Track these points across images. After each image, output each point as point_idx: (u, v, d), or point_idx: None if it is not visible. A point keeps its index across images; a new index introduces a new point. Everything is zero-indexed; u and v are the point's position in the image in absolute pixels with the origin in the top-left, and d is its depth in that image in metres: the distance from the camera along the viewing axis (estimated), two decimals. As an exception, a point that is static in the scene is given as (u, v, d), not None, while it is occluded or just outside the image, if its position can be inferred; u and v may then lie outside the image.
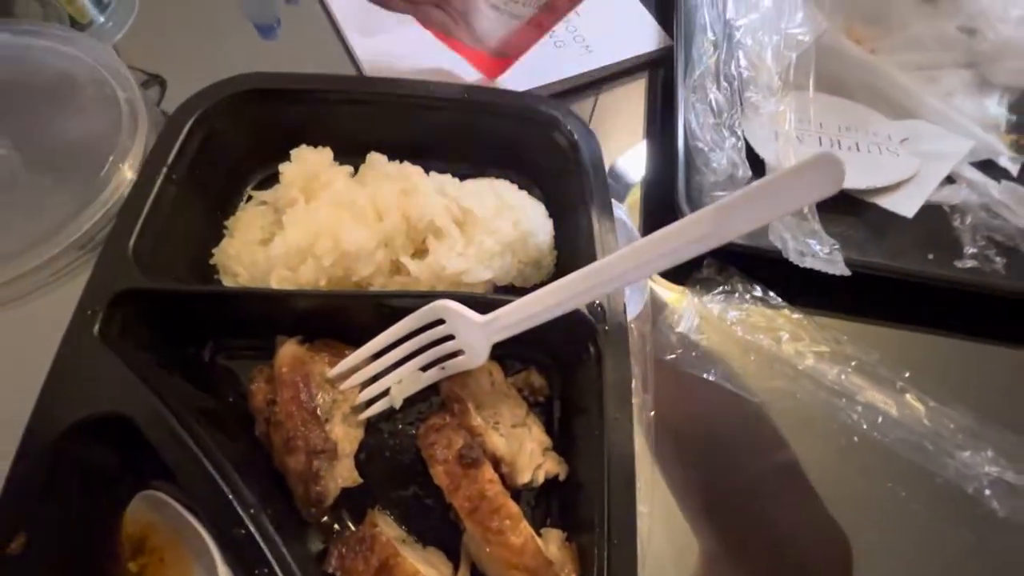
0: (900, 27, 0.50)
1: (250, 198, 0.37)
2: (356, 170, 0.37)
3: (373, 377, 0.30)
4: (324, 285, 0.31)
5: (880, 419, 0.35)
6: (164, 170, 0.31)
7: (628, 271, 0.25)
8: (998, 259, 0.42)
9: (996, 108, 0.49)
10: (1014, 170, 0.47)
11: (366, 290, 0.32)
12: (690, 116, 0.41)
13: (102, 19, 0.53)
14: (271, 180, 0.37)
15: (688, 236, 0.24)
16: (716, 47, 0.47)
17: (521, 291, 0.35)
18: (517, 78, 0.47)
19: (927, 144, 0.45)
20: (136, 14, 0.52)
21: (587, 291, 0.26)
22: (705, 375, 0.37)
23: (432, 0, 0.40)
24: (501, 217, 0.33)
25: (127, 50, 0.49)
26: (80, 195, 0.39)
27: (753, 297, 0.38)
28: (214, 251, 0.34)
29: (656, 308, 0.39)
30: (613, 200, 0.40)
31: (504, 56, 0.43)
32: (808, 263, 0.36)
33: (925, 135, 0.46)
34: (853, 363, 0.36)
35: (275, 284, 0.30)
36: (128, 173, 0.40)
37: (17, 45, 0.45)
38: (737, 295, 0.38)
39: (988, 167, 0.47)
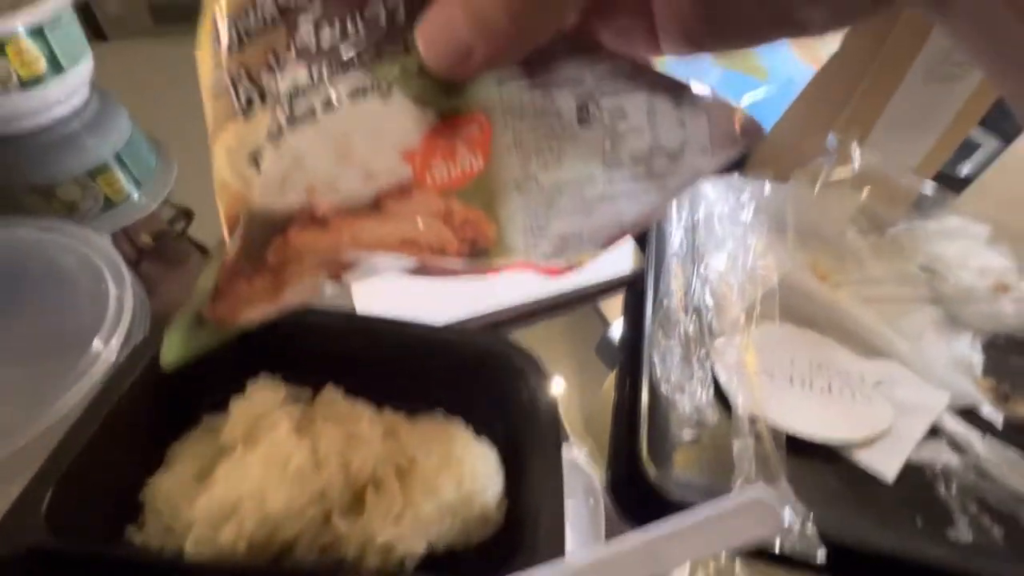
0: (862, 265, 0.53)
1: (200, 420, 0.36)
2: (315, 391, 0.37)
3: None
4: (243, 548, 0.29)
5: None
6: (108, 409, 0.31)
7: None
8: (995, 528, 0.39)
9: (968, 350, 0.49)
10: (998, 422, 0.45)
11: (281, 567, 0.29)
12: (655, 355, 0.42)
13: (137, 195, 0.58)
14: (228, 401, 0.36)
15: (616, 567, 0.22)
16: (686, 279, 0.49)
17: (463, 557, 0.33)
18: (492, 296, 0.49)
19: (902, 392, 0.44)
20: (173, 184, 0.58)
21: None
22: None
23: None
24: (446, 472, 0.32)
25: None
26: (41, 397, 0.39)
27: (717, 567, 0.35)
28: (149, 482, 0.33)
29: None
30: (573, 443, 0.39)
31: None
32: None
33: (899, 381, 0.45)
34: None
35: (191, 544, 0.28)
36: (100, 370, 0.40)
37: (30, 240, 0.49)
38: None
39: (970, 414, 0.45)
